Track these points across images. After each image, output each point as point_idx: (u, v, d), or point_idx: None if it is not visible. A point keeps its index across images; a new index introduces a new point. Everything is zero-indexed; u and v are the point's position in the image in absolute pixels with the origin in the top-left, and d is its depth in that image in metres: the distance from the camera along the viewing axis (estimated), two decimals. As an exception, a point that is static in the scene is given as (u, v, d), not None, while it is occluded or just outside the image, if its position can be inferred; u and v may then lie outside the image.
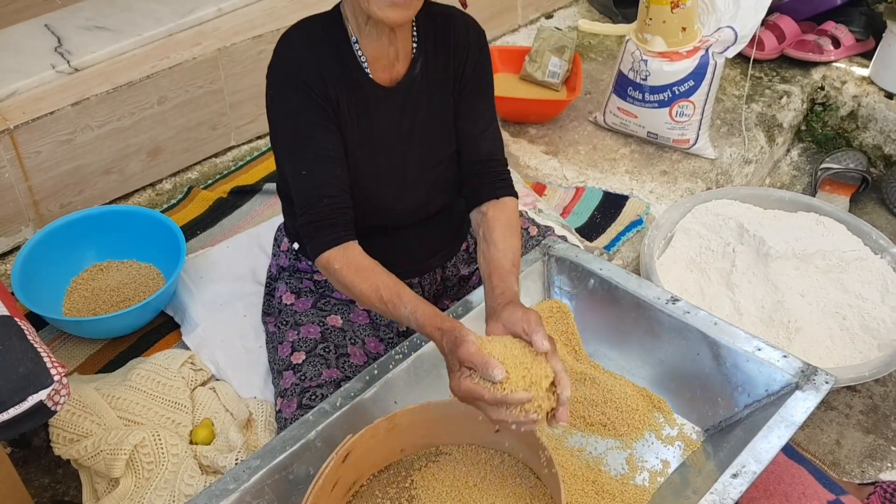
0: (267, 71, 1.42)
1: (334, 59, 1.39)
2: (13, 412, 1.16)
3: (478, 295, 1.58)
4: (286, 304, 1.63)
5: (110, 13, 2.24)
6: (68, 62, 2.05)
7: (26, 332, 1.25)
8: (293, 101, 1.37)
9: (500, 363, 1.16)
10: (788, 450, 1.80)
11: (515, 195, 1.51)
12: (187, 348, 1.74)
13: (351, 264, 1.36)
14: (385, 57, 1.42)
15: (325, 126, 1.38)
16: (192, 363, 1.68)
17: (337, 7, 1.43)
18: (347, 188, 1.41)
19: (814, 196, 2.48)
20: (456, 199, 1.60)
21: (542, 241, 1.71)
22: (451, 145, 1.52)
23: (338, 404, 1.38)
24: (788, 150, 2.75)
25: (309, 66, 1.37)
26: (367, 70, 1.41)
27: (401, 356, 1.46)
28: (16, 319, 1.27)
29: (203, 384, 1.67)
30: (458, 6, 1.50)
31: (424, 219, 1.56)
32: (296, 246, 1.62)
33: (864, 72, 2.69)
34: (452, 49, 1.45)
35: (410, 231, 1.56)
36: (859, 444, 1.90)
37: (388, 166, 1.47)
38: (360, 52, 1.40)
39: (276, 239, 1.72)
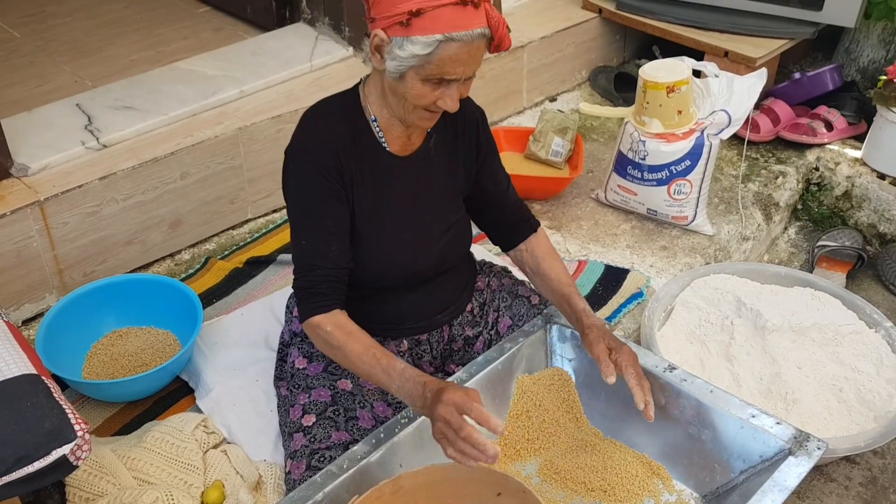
0: (287, 147, 1.54)
1: (352, 136, 1.51)
2: (38, 465, 1.22)
3: (480, 361, 1.64)
4: (298, 368, 1.69)
5: (138, 94, 2.37)
6: (97, 139, 2.18)
7: (52, 390, 1.32)
8: (304, 175, 1.50)
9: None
10: (788, 520, 1.82)
11: (539, 222, 1.79)
12: (201, 412, 1.80)
13: (341, 327, 1.48)
14: (403, 136, 1.55)
15: (329, 202, 1.50)
16: (205, 426, 1.73)
17: (356, 87, 1.55)
18: (344, 262, 1.52)
19: (811, 273, 2.55)
20: (465, 258, 1.76)
21: (545, 311, 1.78)
22: (459, 211, 1.68)
23: (344, 466, 1.43)
24: (786, 228, 2.83)
25: (324, 144, 1.49)
26: (385, 144, 1.54)
27: (406, 420, 1.52)
28: (43, 378, 1.34)
29: (215, 447, 1.72)
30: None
31: (436, 276, 1.67)
32: None
33: (857, 153, 2.79)
34: (462, 123, 1.61)
35: (423, 287, 1.67)
36: (859, 516, 1.91)
37: (406, 229, 1.59)
38: (378, 130, 1.53)
39: (288, 306, 1.80)
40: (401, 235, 1.59)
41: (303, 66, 2.54)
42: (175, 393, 1.88)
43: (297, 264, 1.53)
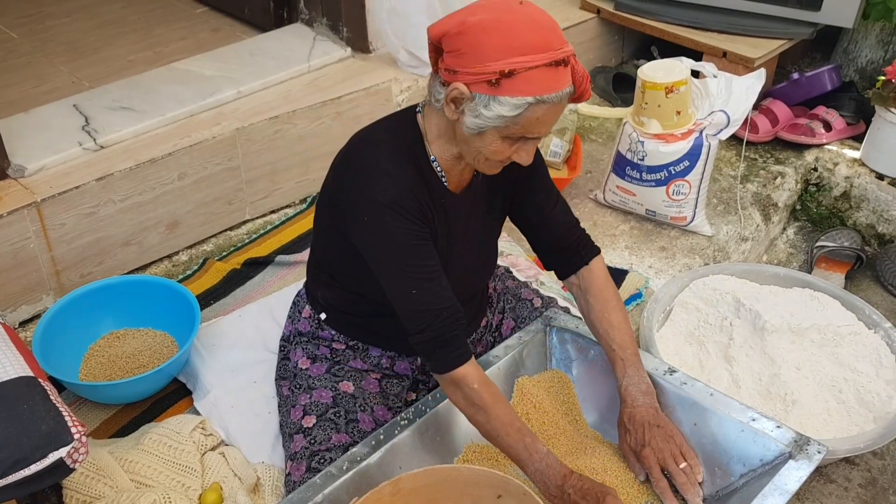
0: (352, 185, 1.43)
1: (420, 177, 1.44)
2: (34, 468, 1.21)
3: (481, 363, 1.64)
4: (301, 369, 1.68)
5: (135, 95, 2.36)
6: (94, 140, 2.17)
7: (49, 393, 1.32)
8: (393, 227, 1.40)
9: None
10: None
11: (598, 251, 1.66)
12: (199, 414, 1.79)
13: (487, 386, 1.43)
14: (461, 174, 1.51)
15: (426, 245, 1.43)
16: (202, 428, 1.73)
17: (411, 117, 1.47)
18: (455, 299, 1.45)
19: (810, 273, 2.55)
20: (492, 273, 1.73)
21: (545, 313, 1.77)
22: (497, 235, 1.65)
23: (344, 468, 1.43)
24: (784, 229, 2.83)
25: (404, 191, 1.41)
26: (445, 182, 1.48)
27: (406, 422, 1.52)
28: (39, 380, 1.34)
29: (213, 449, 1.72)
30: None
31: (467, 299, 1.64)
32: (323, 316, 1.68)
33: (856, 154, 2.79)
34: None
35: None
36: (859, 517, 1.91)
37: (461, 263, 1.56)
38: (440, 169, 1.47)
39: (295, 304, 1.77)
40: (457, 269, 1.54)
41: (301, 67, 2.54)
42: (173, 395, 1.88)
43: (414, 318, 1.41)
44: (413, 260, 1.41)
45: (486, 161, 1.40)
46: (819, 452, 1.46)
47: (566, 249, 1.64)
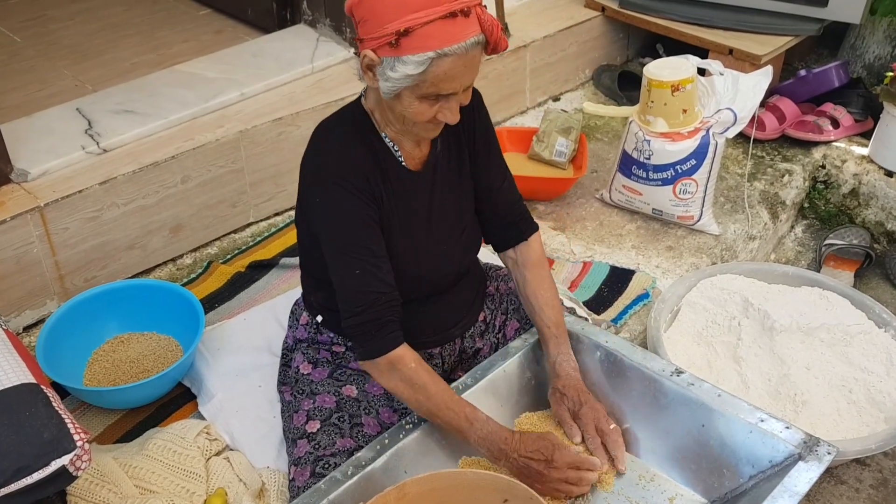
0: (307, 173, 1.48)
1: (372, 156, 1.46)
2: (37, 476, 1.20)
3: (489, 367, 1.63)
4: (303, 374, 1.67)
5: (138, 98, 2.36)
6: (97, 143, 2.16)
7: (51, 399, 1.31)
8: (343, 207, 1.43)
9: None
10: (798, 524, 1.80)
11: (536, 227, 1.69)
12: (203, 418, 1.78)
13: (422, 364, 1.45)
14: (415, 149, 1.52)
15: (371, 226, 1.45)
16: (207, 433, 1.72)
17: (357, 102, 1.50)
18: (394, 284, 1.46)
19: (818, 272, 2.52)
20: (477, 256, 1.72)
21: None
22: (472, 205, 1.64)
23: (349, 473, 1.42)
24: (792, 227, 2.80)
25: (354, 170, 1.43)
26: (401, 159, 1.50)
27: (411, 426, 1.50)
28: (42, 387, 1.33)
29: (218, 454, 1.71)
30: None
31: (454, 281, 1.65)
32: (319, 318, 1.67)
33: (864, 151, 2.77)
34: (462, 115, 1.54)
35: (440, 298, 1.64)
36: (870, 518, 1.89)
37: (425, 242, 1.56)
38: (393, 145, 1.49)
39: (293, 312, 1.78)
40: (424, 250, 1.55)
41: (304, 68, 2.53)
42: (177, 399, 1.87)
43: (353, 298, 1.43)
44: (359, 239, 1.44)
45: (415, 125, 1.41)
46: (829, 453, 1.45)
47: (507, 225, 1.67)
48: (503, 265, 1.90)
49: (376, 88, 1.37)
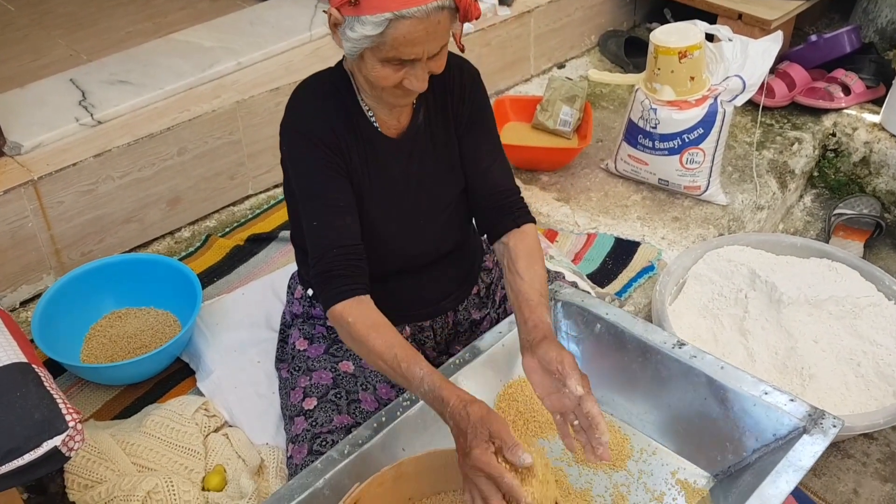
0: (280, 128, 1.48)
1: (344, 114, 1.44)
2: (28, 457, 1.18)
3: (486, 340, 1.60)
4: (299, 350, 1.65)
5: (133, 68, 2.31)
6: (92, 115, 2.12)
7: (43, 379, 1.29)
8: (307, 157, 1.42)
9: None
10: (804, 498, 1.79)
11: (534, 220, 1.55)
12: (202, 394, 1.76)
13: (365, 319, 1.36)
14: (392, 116, 1.47)
15: (335, 177, 1.42)
16: (205, 409, 1.70)
17: (339, 63, 1.47)
18: (359, 239, 1.43)
19: (827, 242, 2.48)
20: (468, 236, 1.65)
21: (550, 287, 1.72)
22: (459, 185, 1.57)
23: (346, 452, 1.39)
24: (801, 197, 2.75)
25: (320, 123, 1.42)
26: (376, 124, 1.46)
27: (409, 403, 1.48)
28: (33, 366, 1.31)
29: (216, 430, 1.69)
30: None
31: (437, 259, 1.60)
32: (310, 292, 1.65)
33: (875, 118, 2.71)
34: (448, 92, 1.50)
35: (424, 273, 1.60)
36: (877, 492, 1.87)
37: (400, 213, 1.52)
38: (367, 108, 1.45)
39: (289, 286, 1.75)
40: (399, 219, 1.52)
41: (302, 36, 2.47)
42: (176, 375, 1.85)
43: (313, 249, 1.41)
44: (317, 190, 1.41)
45: (384, 91, 1.36)
46: (834, 427, 1.41)
47: (499, 210, 1.53)
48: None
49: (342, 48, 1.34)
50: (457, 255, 1.65)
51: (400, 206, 1.51)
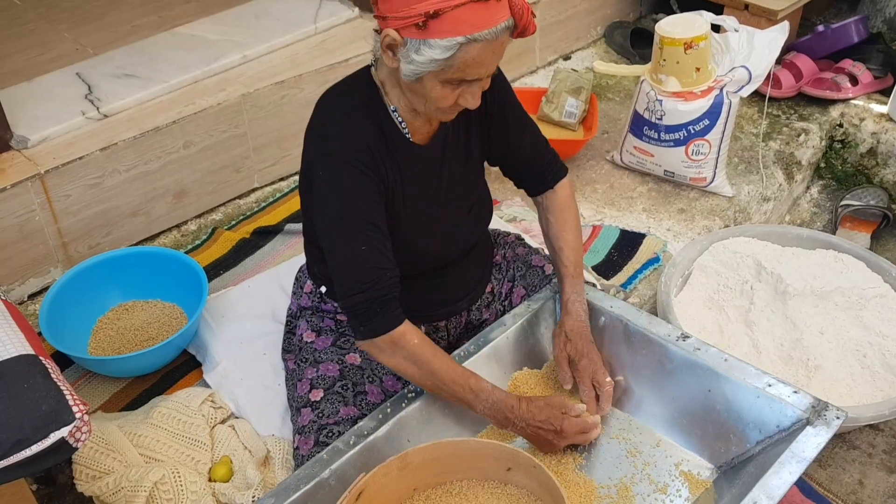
0: (307, 142, 1.44)
1: (377, 129, 1.41)
2: (36, 448, 1.19)
3: (491, 334, 1.61)
4: (306, 342, 1.66)
5: (139, 61, 2.32)
6: (98, 109, 2.13)
7: (50, 371, 1.30)
8: (346, 179, 1.38)
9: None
10: (808, 490, 1.79)
11: (565, 172, 1.69)
12: (208, 386, 1.77)
13: (425, 340, 1.43)
14: (425, 125, 1.47)
15: (377, 203, 1.40)
16: (212, 401, 1.71)
17: (367, 72, 1.44)
18: (395, 259, 1.43)
19: (834, 233, 2.47)
20: (486, 232, 1.71)
21: (554, 280, 1.73)
22: (481, 178, 1.61)
23: (351, 442, 1.41)
24: (808, 188, 2.74)
25: (355, 143, 1.38)
26: (407, 133, 1.44)
27: (413, 394, 1.49)
28: (41, 358, 1.32)
29: (223, 422, 1.70)
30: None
31: (459, 258, 1.62)
32: (323, 289, 1.65)
33: (883, 108, 2.69)
34: None
35: (448, 272, 1.61)
36: (882, 483, 1.87)
37: (432, 217, 1.52)
38: (401, 120, 1.43)
39: (297, 279, 1.76)
40: (430, 224, 1.52)
41: (307, 29, 2.47)
42: (183, 367, 1.86)
43: (358, 275, 1.37)
44: (366, 216, 1.39)
45: (436, 109, 1.36)
46: (838, 418, 1.42)
47: (535, 174, 1.66)
48: (510, 231, 1.86)
49: (395, 68, 1.31)
50: (477, 252, 1.67)
51: (433, 210, 1.52)
